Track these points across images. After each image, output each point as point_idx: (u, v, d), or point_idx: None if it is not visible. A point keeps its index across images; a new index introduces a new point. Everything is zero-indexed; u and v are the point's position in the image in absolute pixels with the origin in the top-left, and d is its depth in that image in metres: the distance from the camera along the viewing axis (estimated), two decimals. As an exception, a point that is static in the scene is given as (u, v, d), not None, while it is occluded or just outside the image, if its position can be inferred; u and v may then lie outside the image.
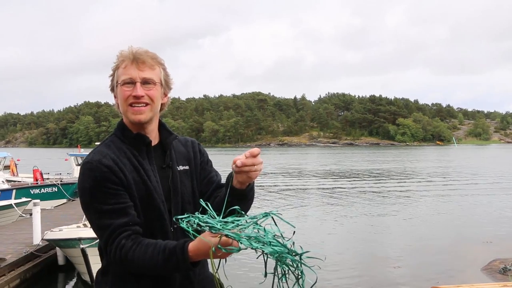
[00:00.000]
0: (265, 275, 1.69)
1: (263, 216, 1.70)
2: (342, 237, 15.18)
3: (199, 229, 1.70)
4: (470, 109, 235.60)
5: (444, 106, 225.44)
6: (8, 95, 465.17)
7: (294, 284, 1.63)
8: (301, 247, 1.63)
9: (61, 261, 11.43)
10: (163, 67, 2.06)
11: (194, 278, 2.05)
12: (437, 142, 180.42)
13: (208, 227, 1.67)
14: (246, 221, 1.69)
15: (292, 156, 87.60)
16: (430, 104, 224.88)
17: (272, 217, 1.70)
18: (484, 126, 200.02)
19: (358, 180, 35.71)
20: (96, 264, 9.70)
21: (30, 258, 10.85)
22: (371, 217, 18.70)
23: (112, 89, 2.05)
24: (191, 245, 1.74)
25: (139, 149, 2.03)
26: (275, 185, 31.33)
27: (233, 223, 1.67)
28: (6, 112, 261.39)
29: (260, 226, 1.68)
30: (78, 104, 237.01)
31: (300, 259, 1.61)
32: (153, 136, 2.09)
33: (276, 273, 1.66)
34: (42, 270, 11.05)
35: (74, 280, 11.02)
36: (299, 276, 1.62)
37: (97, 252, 2.05)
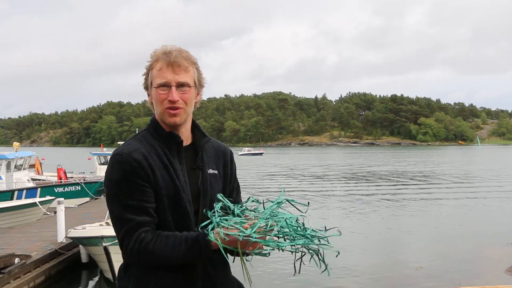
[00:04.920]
0: (281, 249, 1.86)
1: (277, 203, 1.96)
2: (363, 237, 15.08)
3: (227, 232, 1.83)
4: (493, 109, 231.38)
5: (466, 105, 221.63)
6: (34, 95, 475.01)
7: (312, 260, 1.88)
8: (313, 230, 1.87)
9: (84, 258, 11.59)
10: (196, 66, 2.07)
11: (217, 279, 2.06)
12: (459, 141, 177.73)
13: (237, 235, 1.78)
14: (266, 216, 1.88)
15: (312, 155, 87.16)
16: (452, 104, 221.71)
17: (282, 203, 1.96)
18: (508, 126, 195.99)
19: (378, 181, 35.42)
20: (118, 262, 9.80)
21: (55, 255, 11.03)
22: (393, 218, 18.55)
23: (146, 88, 2.08)
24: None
25: (170, 148, 2.05)
26: (295, 186, 31.26)
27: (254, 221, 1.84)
28: (32, 112, 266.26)
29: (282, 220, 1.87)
30: (101, 104, 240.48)
31: (320, 241, 1.84)
32: (186, 136, 2.10)
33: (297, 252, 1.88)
34: (66, 267, 11.23)
35: (97, 277, 11.17)
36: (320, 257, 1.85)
37: (119, 250, 2.07)
